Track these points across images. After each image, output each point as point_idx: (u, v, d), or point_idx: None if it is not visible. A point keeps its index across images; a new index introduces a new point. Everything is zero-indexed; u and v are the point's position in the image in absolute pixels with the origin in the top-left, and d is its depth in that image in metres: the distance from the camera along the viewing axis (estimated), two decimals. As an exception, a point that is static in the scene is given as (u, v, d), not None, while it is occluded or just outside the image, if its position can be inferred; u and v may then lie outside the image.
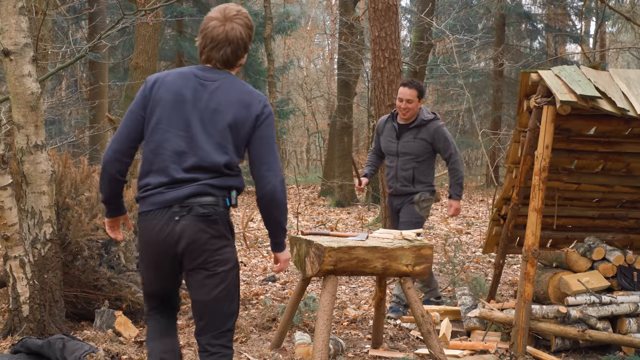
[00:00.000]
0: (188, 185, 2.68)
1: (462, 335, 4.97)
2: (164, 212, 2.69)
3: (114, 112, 11.79)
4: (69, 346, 3.86)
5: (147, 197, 2.74)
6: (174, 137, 2.71)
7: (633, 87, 4.32)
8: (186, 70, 2.80)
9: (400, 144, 5.41)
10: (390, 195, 5.56)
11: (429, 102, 25.38)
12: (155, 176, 2.74)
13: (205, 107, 2.73)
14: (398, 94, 5.39)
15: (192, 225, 2.66)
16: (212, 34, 2.75)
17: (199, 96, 2.74)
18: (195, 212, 2.67)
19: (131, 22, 7.06)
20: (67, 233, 4.72)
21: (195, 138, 2.70)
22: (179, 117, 2.72)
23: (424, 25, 14.60)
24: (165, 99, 2.73)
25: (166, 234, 2.68)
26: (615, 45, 21.64)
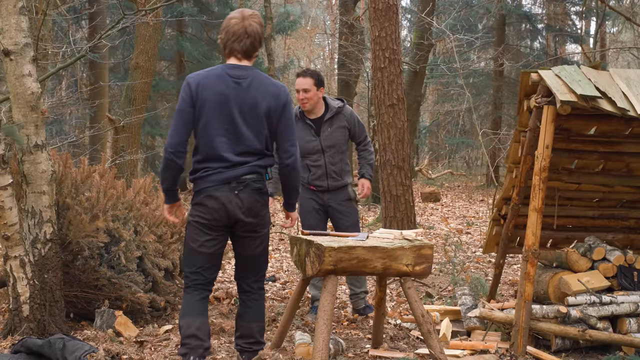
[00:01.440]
0: (241, 167, 3.45)
1: (462, 335, 4.97)
2: (224, 186, 3.43)
3: (114, 112, 11.78)
4: (69, 346, 3.87)
5: (208, 175, 3.45)
6: (223, 131, 3.43)
7: (633, 87, 4.32)
8: (220, 72, 3.47)
9: (322, 139, 5.21)
10: (315, 192, 5.27)
11: (429, 102, 25.39)
12: (213, 162, 3.45)
13: (243, 102, 3.43)
14: (295, 86, 5.20)
15: (248, 196, 3.47)
16: (233, 29, 3.47)
17: (237, 93, 3.44)
18: (250, 187, 3.47)
19: (131, 22, 7.06)
20: (67, 233, 4.72)
21: (240, 129, 3.44)
22: (224, 114, 3.43)
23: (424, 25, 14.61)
24: (210, 100, 3.42)
25: (228, 202, 3.43)
26: (616, 45, 21.64)
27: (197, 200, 3.50)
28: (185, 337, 3.48)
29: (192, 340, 3.46)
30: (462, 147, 22.54)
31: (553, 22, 20.13)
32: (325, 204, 5.29)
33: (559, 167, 5.10)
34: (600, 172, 5.21)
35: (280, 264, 8.11)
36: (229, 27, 3.49)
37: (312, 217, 5.27)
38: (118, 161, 9.70)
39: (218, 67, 3.50)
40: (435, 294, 6.34)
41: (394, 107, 7.96)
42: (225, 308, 5.57)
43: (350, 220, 5.26)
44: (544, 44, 20.51)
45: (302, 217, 5.32)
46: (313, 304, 5.44)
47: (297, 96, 5.18)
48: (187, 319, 3.50)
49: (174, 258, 5.33)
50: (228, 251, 5.92)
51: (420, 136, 22.37)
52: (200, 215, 3.49)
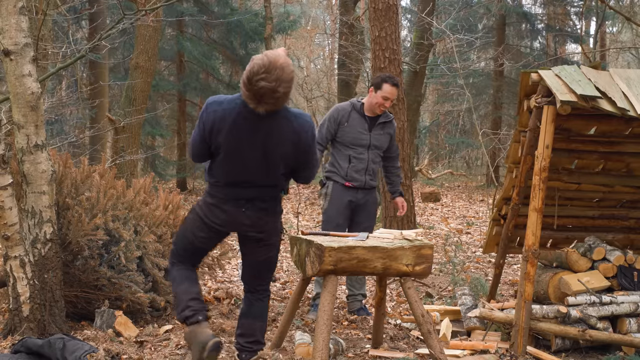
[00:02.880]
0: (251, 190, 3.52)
1: (462, 335, 4.97)
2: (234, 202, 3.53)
3: (114, 112, 11.77)
4: (69, 346, 3.86)
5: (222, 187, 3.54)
6: (237, 172, 3.49)
7: (633, 87, 4.32)
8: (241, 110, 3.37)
9: (372, 136, 5.32)
10: (352, 189, 5.31)
11: (430, 102, 25.39)
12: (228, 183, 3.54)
13: (257, 149, 3.42)
14: (384, 92, 5.21)
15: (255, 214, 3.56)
16: (261, 92, 3.23)
17: (254, 140, 3.41)
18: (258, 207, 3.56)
19: (131, 22, 7.06)
20: (67, 233, 4.72)
21: (253, 172, 3.48)
22: (239, 158, 3.45)
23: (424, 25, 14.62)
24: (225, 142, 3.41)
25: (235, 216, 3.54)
26: (616, 45, 21.64)
27: (207, 199, 3.59)
28: (188, 301, 3.57)
29: (195, 303, 3.57)
30: (462, 147, 22.53)
31: (553, 22, 20.12)
32: (356, 203, 5.34)
33: (559, 167, 5.10)
34: (600, 172, 5.21)
35: (280, 264, 8.11)
36: (255, 89, 3.24)
37: (342, 216, 5.31)
38: (118, 161, 9.70)
39: (240, 103, 3.39)
40: (435, 294, 6.34)
41: (394, 107, 7.96)
42: (225, 308, 5.57)
43: (371, 222, 5.37)
44: (544, 44, 20.50)
45: (330, 215, 5.34)
46: (314, 301, 5.45)
47: (383, 102, 5.25)
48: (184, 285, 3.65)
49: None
50: (228, 251, 5.93)
51: (420, 136, 22.37)
52: (206, 216, 3.59)
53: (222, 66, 19.54)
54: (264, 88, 3.19)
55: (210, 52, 18.02)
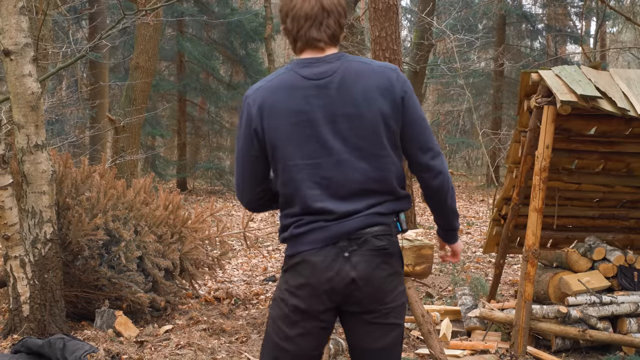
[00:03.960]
0: (353, 218, 2.14)
1: (462, 335, 4.97)
2: (328, 249, 2.13)
3: (115, 112, 11.78)
4: (70, 346, 3.87)
5: (303, 234, 2.16)
6: (313, 169, 2.14)
7: (633, 87, 4.32)
8: (290, 77, 2.16)
9: None
10: None
11: (430, 102, 25.39)
12: (306, 215, 2.16)
13: (337, 115, 2.13)
14: None
15: (366, 261, 2.14)
16: (304, 11, 2.14)
17: (325, 104, 2.13)
18: (369, 246, 2.14)
19: (132, 22, 7.06)
20: (67, 233, 4.72)
21: (340, 159, 2.13)
22: (310, 141, 2.13)
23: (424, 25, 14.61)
24: (283, 127, 2.13)
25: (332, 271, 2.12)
26: (616, 45, 21.64)
27: (287, 269, 2.21)
28: None
29: None
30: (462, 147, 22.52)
31: (553, 22, 20.12)
32: None
33: (559, 167, 5.10)
34: (601, 172, 5.21)
35: (281, 264, 8.11)
36: (294, 11, 2.15)
37: None
38: (118, 161, 9.70)
39: (286, 70, 2.20)
40: (436, 294, 6.34)
41: (394, 107, 7.96)
42: (225, 308, 5.57)
43: None
44: (544, 44, 20.50)
45: None
46: None
47: None
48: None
49: (174, 258, 5.33)
50: (228, 251, 5.93)
51: (421, 136, 22.32)
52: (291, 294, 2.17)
53: (222, 66, 19.55)
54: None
55: (211, 52, 18.02)
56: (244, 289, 6.51)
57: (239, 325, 5.01)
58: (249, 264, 8.08)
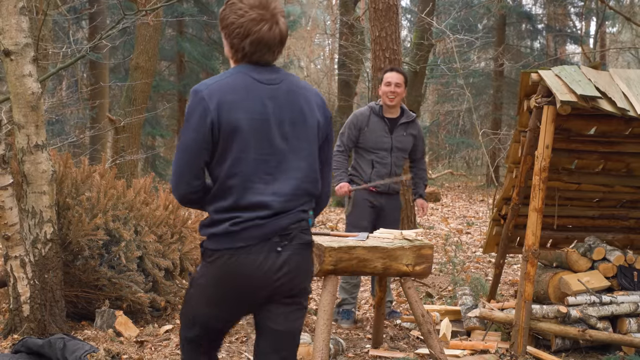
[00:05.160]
0: (284, 216, 2.36)
1: (462, 335, 4.97)
2: (263, 245, 2.32)
3: (115, 112, 11.77)
4: (70, 346, 3.87)
5: (237, 232, 2.32)
6: (262, 164, 2.33)
7: (633, 87, 4.32)
8: (244, 78, 2.35)
9: (394, 138, 5.21)
10: (375, 193, 5.21)
11: (430, 102, 25.38)
12: (245, 211, 2.32)
13: (284, 118, 2.35)
14: (385, 79, 5.16)
15: (295, 254, 2.37)
16: (266, 40, 2.32)
17: (276, 107, 2.34)
18: (297, 240, 2.38)
19: (132, 22, 7.06)
20: (67, 233, 4.72)
21: (284, 158, 2.35)
22: (262, 139, 2.32)
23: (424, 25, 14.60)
24: (242, 122, 2.29)
25: (265, 267, 2.32)
26: (616, 45, 21.64)
27: (216, 264, 2.35)
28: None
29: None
30: (462, 147, 22.52)
31: (553, 23, 20.13)
32: (380, 207, 5.25)
33: (559, 167, 5.10)
34: (600, 172, 5.21)
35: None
36: (258, 34, 2.31)
37: (364, 220, 5.19)
38: (118, 161, 9.70)
39: (238, 72, 2.38)
40: (436, 294, 6.34)
41: (394, 107, 7.96)
42: (226, 308, 5.57)
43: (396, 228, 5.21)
44: (544, 44, 20.51)
45: (355, 217, 5.24)
46: (339, 307, 5.30)
47: (386, 89, 5.15)
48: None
49: (174, 258, 5.33)
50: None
51: (421, 136, 22.34)
52: (218, 287, 2.37)
53: (222, 66, 19.54)
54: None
55: (210, 53, 18.01)
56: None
57: (239, 325, 5.02)
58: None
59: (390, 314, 5.40)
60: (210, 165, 2.35)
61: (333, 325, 4.95)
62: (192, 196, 2.39)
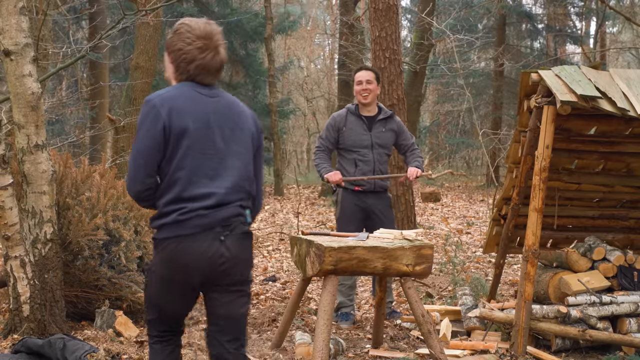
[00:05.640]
0: (225, 208, 2.70)
1: (462, 335, 4.97)
2: (207, 233, 2.65)
3: (115, 112, 11.78)
4: (70, 346, 3.87)
5: (184, 221, 2.64)
6: (206, 161, 2.69)
7: (633, 87, 4.32)
8: (190, 91, 2.73)
9: (373, 135, 5.23)
10: (361, 193, 5.20)
11: (430, 102, 25.39)
12: (190, 202, 2.65)
13: (225, 125, 2.75)
14: (356, 79, 5.23)
15: (236, 243, 2.71)
16: (209, 66, 2.74)
17: (216, 113, 2.74)
18: (238, 230, 2.73)
19: (132, 22, 7.06)
20: (67, 233, 4.72)
21: (225, 158, 2.73)
22: (206, 141, 2.70)
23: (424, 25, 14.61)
24: (190, 125, 2.66)
25: (211, 254, 2.65)
26: (616, 45, 21.64)
27: (166, 250, 2.67)
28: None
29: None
30: (462, 147, 22.52)
31: (553, 23, 20.12)
32: (369, 208, 5.23)
33: (559, 167, 5.10)
34: (601, 172, 5.21)
35: (281, 264, 8.11)
36: (202, 60, 2.72)
37: (353, 224, 5.15)
38: (118, 161, 9.70)
39: (184, 86, 2.75)
40: (436, 294, 6.34)
41: (394, 107, 7.96)
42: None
43: (390, 226, 5.16)
44: (544, 44, 20.50)
45: (341, 223, 5.23)
46: (339, 310, 5.28)
47: (359, 88, 5.20)
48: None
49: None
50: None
51: (421, 136, 22.36)
52: (170, 270, 2.69)
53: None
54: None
55: (210, 52, 17.99)
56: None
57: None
58: (249, 264, 8.07)
59: (391, 314, 5.40)
60: (161, 164, 2.68)
61: (333, 326, 4.95)
62: (146, 193, 2.70)
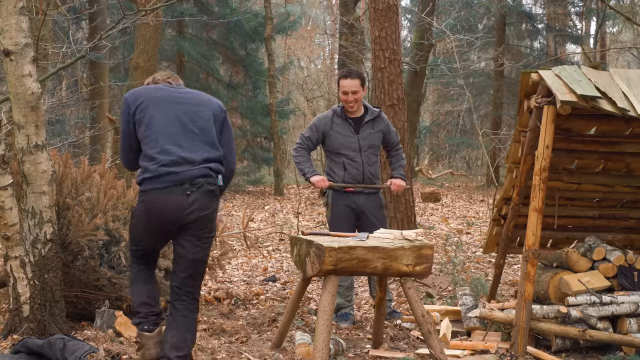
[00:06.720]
0: (193, 168, 3.51)
1: (462, 335, 4.97)
2: (177, 188, 3.46)
3: (115, 112, 11.79)
4: (70, 346, 3.86)
5: (161, 176, 3.47)
6: (175, 134, 3.56)
7: (633, 87, 4.32)
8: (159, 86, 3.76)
9: (361, 138, 5.17)
10: (348, 195, 5.17)
11: (430, 102, 25.39)
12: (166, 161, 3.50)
13: (187, 105, 3.64)
14: (341, 88, 5.12)
15: (201, 199, 3.50)
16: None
17: (179, 97, 3.68)
18: (203, 189, 3.52)
19: (132, 22, 7.06)
20: (67, 233, 4.72)
21: (191, 132, 3.58)
22: (174, 119, 3.58)
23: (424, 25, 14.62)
24: (154, 101, 3.60)
25: (179, 204, 3.46)
26: (616, 45, 21.63)
27: (145, 199, 3.56)
28: (137, 306, 3.73)
29: (143, 307, 3.71)
30: (462, 147, 22.53)
31: (553, 23, 20.12)
32: (359, 209, 5.19)
33: (559, 167, 5.10)
34: (601, 172, 5.21)
35: (281, 264, 8.11)
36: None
37: (346, 226, 5.09)
38: (118, 161, 9.70)
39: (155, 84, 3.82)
40: (436, 294, 6.34)
41: (394, 107, 7.97)
42: (225, 308, 5.57)
43: (382, 227, 5.08)
44: (544, 44, 20.51)
45: (333, 224, 5.19)
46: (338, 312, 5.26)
47: (345, 98, 5.12)
48: (136, 287, 3.77)
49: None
50: (228, 251, 5.92)
51: (421, 136, 22.37)
52: (147, 215, 3.56)
53: (222, 66, 19.55)
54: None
55: (210, 53, 18.01)
56: (244, 289, 6.52)
57: (239, 325, 5.01)
58: (249, 264, 8.08)
59: (391, 314, 5.39)
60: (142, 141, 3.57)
61: (333, 326, 4.95)
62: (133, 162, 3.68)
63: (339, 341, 4.45)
